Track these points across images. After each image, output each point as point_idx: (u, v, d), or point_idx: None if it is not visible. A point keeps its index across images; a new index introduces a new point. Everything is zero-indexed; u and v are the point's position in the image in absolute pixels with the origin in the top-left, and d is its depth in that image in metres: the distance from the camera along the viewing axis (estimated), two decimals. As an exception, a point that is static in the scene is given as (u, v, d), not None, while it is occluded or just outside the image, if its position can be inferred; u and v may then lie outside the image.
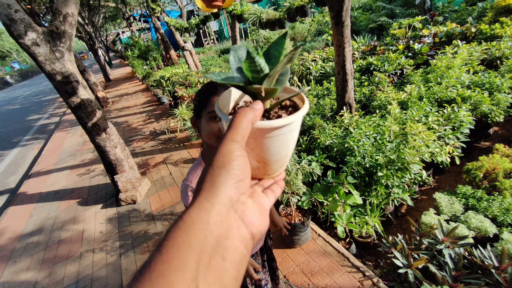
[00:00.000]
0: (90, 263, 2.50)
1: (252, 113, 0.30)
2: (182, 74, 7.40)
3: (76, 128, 7.36)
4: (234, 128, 0.29)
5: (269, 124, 0.31)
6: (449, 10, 6.24)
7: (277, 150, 0.34)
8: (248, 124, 0.30)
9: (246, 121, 0.29)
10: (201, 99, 0.91)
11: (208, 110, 0.89)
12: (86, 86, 2.91)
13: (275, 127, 0.32)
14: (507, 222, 1.88)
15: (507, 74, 3.14)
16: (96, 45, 12.23)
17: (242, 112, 0.30)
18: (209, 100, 0.89)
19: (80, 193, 3.85)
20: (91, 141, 3.14)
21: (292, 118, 0.33)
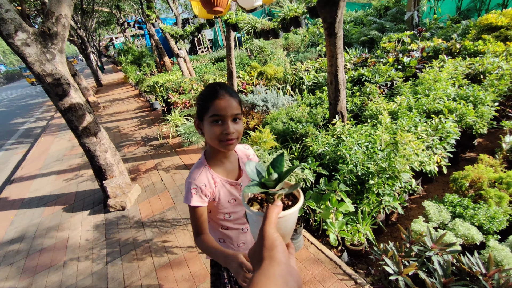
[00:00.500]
0: (74, 272, 2.40)
1: (278, 209, 0.49)
2: (176, 81, 7.40)
3: (64, 133, 7.19)
4: (269, 218, 0.47)
5: (286, 213, 0.51)
6: (435, 27, 6.52)
7: (289, 226, 0.54)
8: (276, 216, 0.48)
9: (274, 214, 0.48)
10: (204, 103, 0.93)
11: (210, 114, 0.91)
12: (77, 89, 2.87)
13: (288, 214, 0.51)
14: (492, 230, 1.93)
15: (490, 88, 3.28)
16: (88, 50, 12.12)
17: (273, 208, 0.49)
18: (211, 104, 0.91)
19: (66, 199, 3.73)
20: (80, 145, 3.07)
21: (296, 207, 0.54)
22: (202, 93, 0.97)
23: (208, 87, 0.96)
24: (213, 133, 0.92)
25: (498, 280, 1.47)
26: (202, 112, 0.95)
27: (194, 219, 0.99)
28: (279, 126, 3.56)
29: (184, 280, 2.07)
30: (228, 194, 1.06)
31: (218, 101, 0.90)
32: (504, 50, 4.01)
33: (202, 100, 0.95)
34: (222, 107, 0.90)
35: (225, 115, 0.90)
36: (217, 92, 0.92)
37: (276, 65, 6.66)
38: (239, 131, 0.95)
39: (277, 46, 8.67)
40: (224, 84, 0.96)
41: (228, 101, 0.91)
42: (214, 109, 0.90)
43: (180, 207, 3.01)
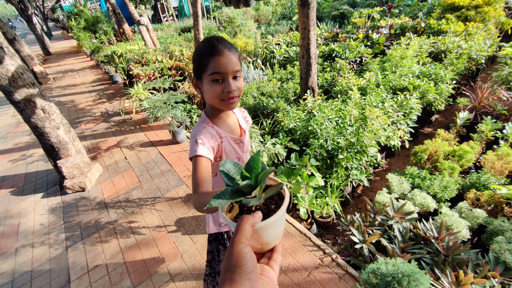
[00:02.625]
0: (28, 259, 2.20)
1: (253, 219, 0.41)
2: (138, 51, 6.75)
3: (6, 107, 6.33)
4: (240, 232, 0.39)
5: (265, 223, 0.42)
6: (403, 4, 6.64)
7: (273, 233, 0.46)
8: (249, 228, 0.40)
9: (248, 225, 0.40)
10: (202, 61, 0.86)
11: (210, 72, 0.84)
12: (14, 54, 2.45)
13: (270, 223, 0.42)
14: (444, 198, 2.12)
15: (449, 67, 3.47)
16: (30, 11, 10.45)
17: (245, 218, 0.40)
18: (209, 61, 0.84)
19: (14, 182, 3.34)
20: (25, 121, 2.70)
21: (280, 211, 0.44)
22: (198, 49, 0.88)
23: (205, 41, 0.87)
24: (213, 92, 0.86)
25: (448, 242, 1.63)
26: (200, 70, 0.87)
27: (196, 172, 0.84)
28: (249, 101, 3.45)
29: (153, 260, 2.00)
30: (233, 152, 1.03)
31: (217, 57, 0.83)
32: (464, 30, 4.22)
33: (200, 57, 0.86)
34: (222, 63, 0.82)
35: (226, 72, 0.83)
36: (215, 47, 0.83)
37: (246, 37, 6.36)
38: (240, 88, 0.89)
39: (248, 17, 8.26)
40: (222, 38, 0.87)
41: (228, 57, 0.83)
42: (213, 67, 0.83)
43: (146, 186, 2.86)
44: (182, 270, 1.90)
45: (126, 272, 1.95)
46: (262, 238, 0.44)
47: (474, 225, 1.87)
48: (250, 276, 0.37)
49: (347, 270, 1.69)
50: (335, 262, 1.75)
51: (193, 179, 0.85)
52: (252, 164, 0.46)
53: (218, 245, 1.23)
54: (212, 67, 0.83)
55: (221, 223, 1.19)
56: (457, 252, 1.57)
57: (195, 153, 0.86)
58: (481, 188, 2.14)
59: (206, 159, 0.87)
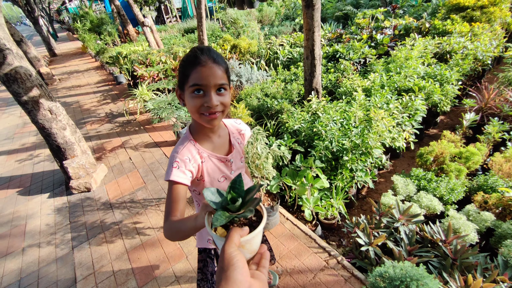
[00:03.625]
0: (35, 259, 2.22)
1: (241, 231, 0.49)
2: (142, 52, 6.79)
3: (13, 108, 6.41)
4: (230, 240, 0.46)
5: (252, 235, 0.51)
6: (407, 5, 6.60)
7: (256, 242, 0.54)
8: (238, 237, 0.47)
9: (237, 235, 0.47)
10: (184, 70, 0.81)
11: (191, 83, 0.79)
12: (22, 57, 2.48)
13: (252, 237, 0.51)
14: (451, 200, 2.10)
15: (455, 67, 3.44)
16: (36, 13, 10.58)
17: (234, 229, 0.48)
18: (191, 72, 0.79)
19: (21, 182, 3.38)
20: (32, 122, 2.73)
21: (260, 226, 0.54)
22: (183, 58, 0.84)
23: (190, 51, 0.83)
24: (193, 105, 0.81)
25: (456, 245, 1.61)
26: (182, 80, 0.83)
27: (168, 199, 0.83)
28: (253, 102, 3.46)
29: (158, 261, 2.01)
30: (218, 171, 0.96)
31: (199, 68, 0.78)
32: (469, 31, 4.18)
33: (183, 66, 0.82)
34: (203, 75, 0.78)
35: (207, 85, 0.78)
36: (197, 58, 0.79)
37: (250, 38, 6.37)
38: (225, 103, 0.83)
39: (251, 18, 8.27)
40: (208, 48, 0.83)
41: (211, 69, 0.78)
42: (194, 78, 0.78)
43: (151, 186, 2.87)
44: (187, 271, 1.90)
45: (132, 272, 1.96)
46: (248, 248, 0.51)
47: (482, 228, 1.84)
48: (243, 272, 0.42)
49: (352, 272, 1.68)
50: (341, 264, 1.74)
51: (166, 205, 0.83)
52: (235, 185, 0.55)
53: (207, 257, 1.21)
54: (193, 78, 0.79)
55: (208, 239, 1.14)
56: (466, 255, 1.55)
57: (169, 177, 0.83)
58: (489, 190, 2.11)
59: (180, 185, 0.83)
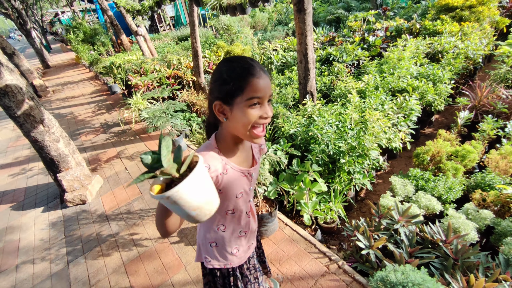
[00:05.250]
0: (29, 275, 2.16)
1: None
2: (136, 61, 6.79)
3: (6, 122, 6.33)
4: None
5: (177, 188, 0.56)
6: (397, 7, 6.70)
7: (194, 196, 0.59)
8: None
9: None
10: (236, 83, 0.75)
11: (248, 96, 0.74)
12: (13, 70, 2.45)
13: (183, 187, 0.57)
14: (450, 199, 2.09)
15: (447, 67, 3.47)
16: (29, 25, 10.56)
17: None
18: (247, 84, 0.74)
19: (14, 196, 3.31)
20: (24, 135, 2.69)
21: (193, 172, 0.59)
22: (230, 68, 0.77)
23: (239, 61, 0.77)
24: (249, 118, 0.76)
25: (456, 245, 1.60)
26: (232, 93, 0.76)
27: None
28: (249, 107, 3.45)
29: (156, 272, 1.96)
30: (238, 186, 0.90)
31: (257, 80, 0.74)
32: (459, 30, 4.24)
33: (233, 78, 0.75)
34: (261, 87, 0.75)
35: (264, 97, 0.76)
36: (254, 69, 0.75)
37: (243, 44, 6.41)
38: (270, 116, 0.81)
39: (244, 24, 8.33)
40: (252, 59, 0.79)
41: (266, 79, 0.76)
42: (252, 90, 0.74)
43: (148, 196, 2.83)
44: (186, 281, 1.86)
45: (129, 286, 1.92)
46: (184, 204, 0.57)
47: (482, 226, 1.84)
48: None
49: (354, 277, 1.66)
50: (342, 269, 1.71)
51: None
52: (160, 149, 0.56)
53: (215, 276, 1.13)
54: (251, 91, 0.74)
55: (206, 257, 1.06)
56: (467, 255, 1.54)
57: None
58: (487, 188, 2.11)
59: None
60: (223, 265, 1.06)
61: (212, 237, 1.01)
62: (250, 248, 1.13)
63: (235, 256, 1.06)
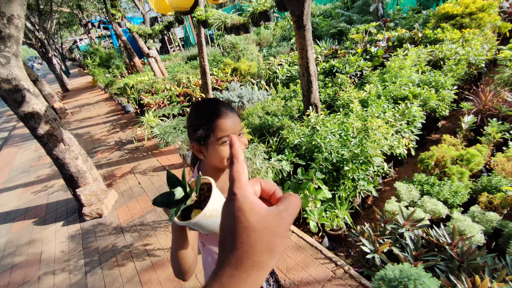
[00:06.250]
0: (50, 286, 2.28)
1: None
2: (148, 82, 7.16)
3: (29, 143, 6.73)
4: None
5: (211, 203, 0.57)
6: (398, 17, 6.84)
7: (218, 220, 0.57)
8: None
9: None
10: (204, 126, 0.83)
11: (217, 136, 0.82)
12: (38, 95, 2.69)
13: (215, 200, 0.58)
14: (456, 203, 2.09)
15: (449, 73, 3.51)
16: (50, 53, 11.35)
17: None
18: (215, 126, 0.82)
19: (37, 212, 3.51)
20: (47, 153, 2.90)
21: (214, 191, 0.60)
22: (198, 114, 0.85)
23: (204, 105, 0.85)
24: (222, 155, 0.83)
25: (462, 248, 1.60)
26: (204, 136, 0.84)
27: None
28: (255, 120, 3.58)
29: (168, 281, 2.04)
30: None
31: (223, 120, 0.82)
32: (460, 37, 4.30)
33: (201, 121, 0.84)
34: (228, 126, 0.82)
35: (233, 134, 0.82)
36: (219, 111, 0.83)
37: (249, 60, 6.66)
38: (246, 144, 0.89)
39: (250, 41, 8.66)
40: (218, 99, 0.87)
41: (232, 118, 0.83)
42: (220, 131, 0.81)
43: (160, 209, 2.95)
44: (197, 290, 1.92)
45: (143, 294, 1.99)
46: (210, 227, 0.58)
47: (489, 229, 1.83)
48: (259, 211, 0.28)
49: (360, 281, 1.68)
50: (348, 273, 1.74)
51: None
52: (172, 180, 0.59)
53: None
54: (219, 131, 0.81)
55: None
56: (472, 257, 1.54)
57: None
58: (493, 191, 2.11)
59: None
60: None
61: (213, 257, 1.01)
62: None
63: None
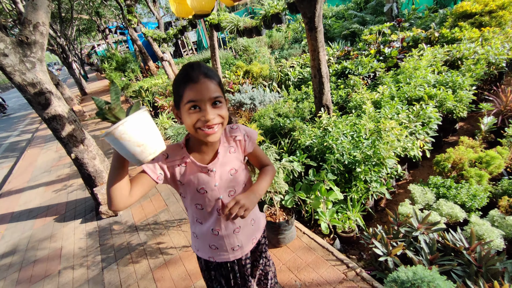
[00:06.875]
0: (70, 280, 2.38)
1: None
2: (162, 84, 7.34)
3: (51, 144, 7.04)
4: None
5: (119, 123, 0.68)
6: (414, 17, 6.69)
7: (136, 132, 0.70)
8: None
9: None
10: (178, 90, 0.83)
11: (186, 101, 0.81)
12: (60, 97, 2.83)
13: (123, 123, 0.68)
14: (474, 207, 2.02)
15: (467, 73, 3.41)
16: (70, 59, 11.87)
17: None
18: (185, 90, 0.81)
19: (57, 210, 3.66)
20: (67, 153, 3.03)
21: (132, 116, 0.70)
22: (175, 78, 0.85)
23: (181, 70, 0.85)
24: (190, 121, 0.82)
25: (480, 252, 1.55)
26: (177, 99, 0.84)
27: None
28: (267, 122, 3.60)
29: (180, 279, 2.08)
30: (198, 181, 0.94)
31: (192, 85, 0.79)
32: (479, 36, 4.16)
33: (176, 85, 0.84)
34: (197, 91, 0.79)
35: (202, 100, 0.79)
36: (189, 75, 0.80)
37: (261, 63, 6.70)
38: (223, 115, 0.84)
39: (261, 44, 8.71)
40: (198, 63, 0.84)
41: (204, 84, 0.80)
42: (189, 95, 0.80)
43: (172, 208, 3.01)
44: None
45: (156, 291, 2.05)
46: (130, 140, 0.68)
47: (510, 234, 1.76)
48: None
49: (372, 284, 1.65)
50: (360, 276, 1.71)
51: None
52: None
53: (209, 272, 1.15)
54: (188, 96, 0.80)
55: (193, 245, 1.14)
56: (491, 262, 1.49)
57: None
58: (515, 194, 2.02)
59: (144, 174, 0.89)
60: (206, 256, 1.09)
61: (193, 228, 1.08)
62: (236, 250, 1.07)
63: (215, 252, 1.07)
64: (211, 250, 1.06)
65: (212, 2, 2.67)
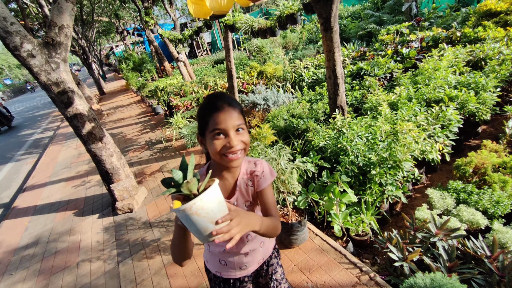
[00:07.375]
0: (87, 272, 2.47)
1: None
2: (177, 85, 7.48)
3: (71, 141, 7.33)
4: None
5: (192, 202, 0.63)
6: (434, 16, 6.47)
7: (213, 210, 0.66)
8: None
9: None
10: (203, 118, 0.89)
11: (211, 128, 0.85)
12: (81, 96, 2.94)
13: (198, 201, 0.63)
14: (497, 214, 1.94)
15: (491, 74, 3.26)
16: (90, 59, 12.32)
17: None
18: (210, 118, 0.86)
19: (76, 204, 3.81)
20: (87, 150, 3.15)
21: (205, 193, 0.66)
22: (200, 107, 0.91)
23: (205, 99, 0.91)
24: (215, 148, 0.85)
25: (503, 261, 1.48)
26: (202, 127, 0.89)
27: None
28: (280, 123, 3.59)
29: (193, 275, 2.11)
30: None
31: (217, 114, 0.85)
32: (505, 35, 3.97)
33: (201, 114, 0.90)
34: (222, 119, 0.84)
35: (227, 127, 0.84)
36: (214, 104, 0.86)
37: (275, 63, 6.69)
38: (245, 142, 0.88)
39: (276, 45, 8.70)
40: (222, 94, 0.91)
41: (228, 112, 0.85)
42: (214, 123, 0.85)
43: (186, 206, 3.07)
44: (220, 286, 1.97)
45: (169, 286, 2.09)
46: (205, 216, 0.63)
47: (536, 243, 1.67)
48: None
49: (387, 289, 1.61)
50: (374, 280, 1.68)
51: None
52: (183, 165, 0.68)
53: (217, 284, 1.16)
54: (213, 123, 0.84)
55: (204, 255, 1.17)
56: (515, 272, 1.42)
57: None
58: (542, 202, 1.92)
59: None
60: (214, 270, 1.11)
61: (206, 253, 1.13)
62: (242, 269, 1.10)
63: (223, 267, 1.09)
64: (220, 266, 1.10)
65: (231, 3, 2.69)
